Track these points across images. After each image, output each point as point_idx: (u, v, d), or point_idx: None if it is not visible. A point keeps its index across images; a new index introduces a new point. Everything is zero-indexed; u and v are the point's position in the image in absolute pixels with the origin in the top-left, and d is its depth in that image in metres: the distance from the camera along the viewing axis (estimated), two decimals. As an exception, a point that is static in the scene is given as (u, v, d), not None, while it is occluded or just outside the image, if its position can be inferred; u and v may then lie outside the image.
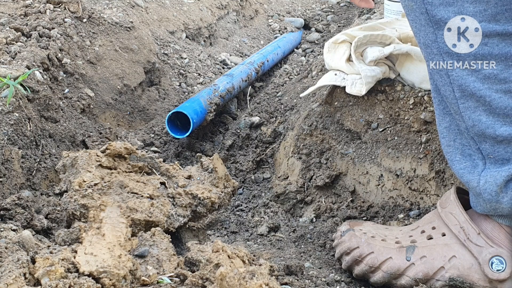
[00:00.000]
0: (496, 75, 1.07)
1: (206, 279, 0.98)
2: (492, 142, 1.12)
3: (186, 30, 2.64)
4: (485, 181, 1.14)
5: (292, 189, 1.64)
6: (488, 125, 1.11)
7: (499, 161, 1.13)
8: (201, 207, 1.28)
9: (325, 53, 1.62)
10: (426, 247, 1.22)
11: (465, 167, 1.17)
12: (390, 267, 1.22)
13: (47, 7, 1.94)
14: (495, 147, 1.12)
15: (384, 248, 1.24)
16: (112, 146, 1.28)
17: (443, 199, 1.26)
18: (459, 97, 1.12)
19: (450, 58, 1.09)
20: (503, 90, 1.08)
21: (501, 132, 1.10)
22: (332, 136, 1.64)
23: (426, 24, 1.09)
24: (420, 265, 1.21)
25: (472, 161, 1.16)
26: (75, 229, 1.10)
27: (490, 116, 1.10)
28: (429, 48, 1.11)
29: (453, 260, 1.19)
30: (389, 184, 1.53)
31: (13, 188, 1.37)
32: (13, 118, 1.44)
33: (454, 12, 1.05)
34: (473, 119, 1.12)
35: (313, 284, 1.24)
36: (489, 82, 1.08)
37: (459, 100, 1.12)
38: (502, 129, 1.10)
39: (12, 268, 0.92)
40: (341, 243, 1.29)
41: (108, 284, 0.93)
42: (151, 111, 2.09)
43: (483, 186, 1.14)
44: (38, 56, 1.66)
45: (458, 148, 1.18)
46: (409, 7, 1.11)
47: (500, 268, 1.16)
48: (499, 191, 1.13)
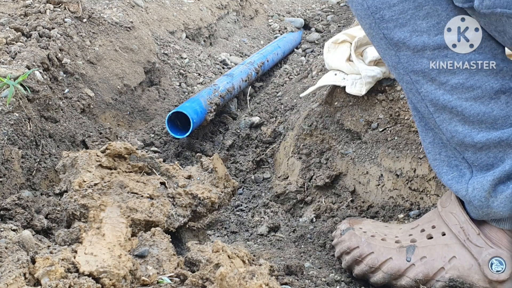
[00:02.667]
0: (463, 84, 1.09)
1: (206, 279, 0.98)
2: (473, 150, 1.13)
3: (186, 30, 2.64)
4: (473, 188, 1.15)
5: (292, 189, 1.64)
6: (465, 134, 1.12)
7: (484, 167, 1.14)
8: (201, 207, 1.28)
9: (325, 53, 1.62)
10: (426, 247, 1.22)
11: (453, 177, 1.18)
12: (391, 268, 1.22)
13: (47, 7, 1.94)
14: (477, 154, 1.13)
15: (384, 248, 1.23)
16: (112, 146, 1.27)
17: (444, 198, 1.26)
18: (433, 112, 1.14)
19: (416, 75, 1.11)
20: (472, 98, 1.09)
21: (479, 139, 1.11)
22: (332, 136, 1.64)
23: (387, 48, 1.11)
24: (420, 266, 1.20)
25: (459, 171, 1.18)
26: (75, 229, 1.10)
27: (466, 125, 1.12)
28: (396, 69, 1.14)
29: (453, 261, 1.19)
30: (389, 184, 1.53)
31: (13, 188, 1.37)
32: (13, 118, 1.44)
33: (409, 31, 1.07)
34: (450, 130, 1.13)
35: (313, 284, 1.24)
36: (458, 92, 1.09)
37: (434, 114, 1.14)
38: (479, 136, 1.11)
39: (12, 268, 0.92)
40: (341, 242, 1.29)
41: (108, 284, 0.93)
42: (151, 111, 2.09)
43: (472, 193, 1.15)
44: (38, 56, 1.66)
45: (444, 160, 1.19)
46: (370, 35, 1.14)
47: (499, 269, 1.16)
48: (488, 196, 1.13)
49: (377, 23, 1.09)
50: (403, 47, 1.09)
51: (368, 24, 1.11)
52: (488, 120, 1.10)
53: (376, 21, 1.09)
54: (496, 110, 1.09)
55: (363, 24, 1.13)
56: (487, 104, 1.09)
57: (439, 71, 1.09)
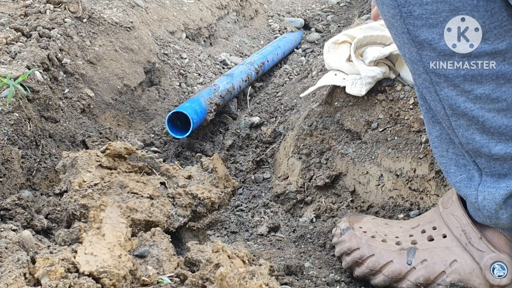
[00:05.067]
0: (488, 95, 1.03)
1: (206, 279, 0.98)
2: (487, 158, 1.09)
3: (186, 30, 2.64)
4: (483, 197, 1.11)
5: (292, 189, 1.64)
6: (482, 144, 1.07)
7: (496, 175, 1.10)
8: (201, 207, 1.28)
9: (325, 53, 1.62)
10: (427, 250, 1.21)
11: (461, 180, 1.14)
12: (391, 271, 1.20)
13: (47, 7, 1.94)
14: (491, 163, 1.09)
15: (385, 250, 1.22)
16: (112, 146, 1.27)
17: (445, 198, 1.25)
18: (450, 115, 1.08)
19: (438, 78, 1.05)
20: (496, 109, 1.04)
21: (497, 151, 1.07)
22: (332, 136, 1.64)
23: (409, 43, 1.05)
24: (421, 269, 1.19)
25: (467, 172, 1.14)
26: (75, 229, 1.10)
27: (484, 134, 1.07)
28: (415, 64, 1.07)
29: (454, 265, 1.18)
30: (389, 184, 1.53)
31: (13, 188, 1.37)
32: (13, 118, 1.43)
33: (439, 33, 1.01)
34: (466, 137, 1.08)
35: (313, 284, 1.24)
36: (481, 102, 1.04)
37: (451, 118, 1.08)
38: (497, 148, 1.07)
39: (12, 268, 0.92)
40: (341, 242, 1.28)
41: (108, 284, 0.93)
42: (151, 111, 2.09)
43: (482, 203, 1.12)
44: (38, 56, 1.66)
45: (452, 158, 1.15)
46: (391, 24, 1.06)
47: (501, 273, 1.15)
48: (498, 208, 1.11)
49: (403, 16, 1.01)
50: (428, 48, 1.03)
51: (391, 14, 1.03)
52: (509, 133, 1.05)
53: (403, 15, 1.01)
54: None
55: (385, 12, 1.05)
56: (510, 117, 1.04)
57: (465, 79, 1.03)
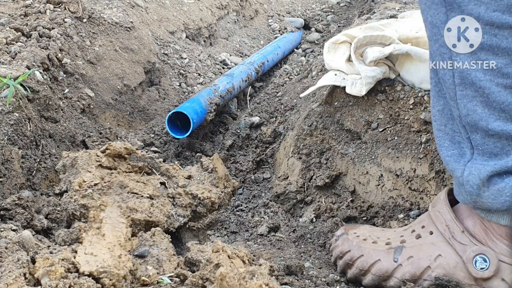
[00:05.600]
0: (500, 69, 1.05)
1: (206, 279, 0.98)
2: (483, 134, 1.10)
3: (186, 30, 2.64)
4: (469, 172, 1.13)
5: (292, 189, 1.64)
6: (482, 117, 1.09)
7: (487, 154, 1.11)
8: (201, 207, 1.28)
9: (325, 53, 1.62)
10: (414, 247, 1.22)
11: (452, 154, 1.15)
12: (379, 269, 1.22)
13: (47, 7, 1.94)
14: (485, 139, 1.10)
15: (374, 250, 1.24)
16: (112, 146, 1.27)
17: (435, 199, 1.27)
18: (458, 84, 1.09)
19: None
20: (504, 85, 1.06)
21: (494, 127, 1.08)
22: (332, 136, 1.64)
23: (439, 2, 1.06)
24: (407, 266, 1.20)
25: (460, 149, 1.15)
26: (75, 229, 1.10)
27: (486, 108, 1.08)
28: (436, 28, 1.08)
29: (439, 259, 1.19)
30: (389, 184, 1.53)
31: (13, 188, 1.37)
32: (13, 118, 1.43)
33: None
34: (468, 108, 1.10)
35: (313, 284, 1.24)
36: (491, 75, 1.06)
37: (457, 87, 1.10)
38: (495, 123, 1.08)
39: (12, 268, 0.92)
40: (335, 248, 1.31)
41: (108, 284, 0.93)
42: (151, 111, 2.09)
43: (467, 177, 1.13)
44: (38, 56, 1.66)
45: (448, 133, 1.16)
46: None
47: (483, 266, 1.15)
48: (481, 185, 1.11)
49: None
50: (457, 10, 1.04)
51: None
52: (510, 111, 1.07)
53: None
54: None
55: None
56: None
57: (482, 47, 1.04)
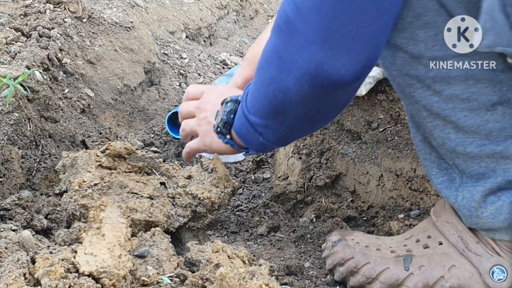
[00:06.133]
0: (458, 96, 1.05)
1: (206, 279, 0.98)
2: (464, 158, 1.10)
3: (186, 30, 2.64)
4: (462, 196, 1.12)
5: (292, 189, 1.64)
6: (457, 142, 1.09)
7: (475, 175, 1.11)
8: (201, 207, 1.28)
9: (325, 53, 1.61)
10: (424, 256, 1.19)
11: (442, 181, 1.15)
12: (388, 278, 1.18)
13: (47, 7, 1.93)
14: (468, 162, 1.10)
15: (381, 258, 1.20)
16: (112, 146, 1.27)
17: (437, 208, 1.23)
18: (425, 116, 1.10)
19: (411, 79, 1.07)
20: (468, 109, 1.05)
21: (472, 149, 1.08)
22: (332, 136, 1.64)
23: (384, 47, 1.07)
24: (419, 275, 1.17)
25: (449, 175, 1.15)
26: (75, 229, 1.10)
27: (459, 133, 1.08)
28: (389, 70, 1.10)
29: (453, 270, 1.16)
30: (389, 184, 1.53)
31: (13, 188, 1.37)
32: (13, 118, 1.43)
33: (406, 38, 1.03)
34: (442, 137, 1.10)
35: (313, 284, 1.24)
36: (453, 102, 1.06)
37: (426, 119, 1.10)
38: (472, 146, 1.08)
39: (12, 268, 0.92)
40: (333, 254, 1.25)
41: (108, 284, 0.93)
42: (151, 111, 2.09)
43: (461, 202, 1.12)
44: (38, 56, 1.66)
45: (434, 161, 1.16)
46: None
47: (501, 277, 1.13)
48: (477, 206, 1.11)
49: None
50: (400, 51, 1.06)
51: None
52: (482, 132, 1.07)
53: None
54: (492, 122, 1.06)
55: None
56: (482, 116, 1.06)
57: (434, 80, 1.05)
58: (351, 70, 1.01)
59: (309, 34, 1.00)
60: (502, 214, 1.10)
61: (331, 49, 0.99)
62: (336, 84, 1.02)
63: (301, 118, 1.12)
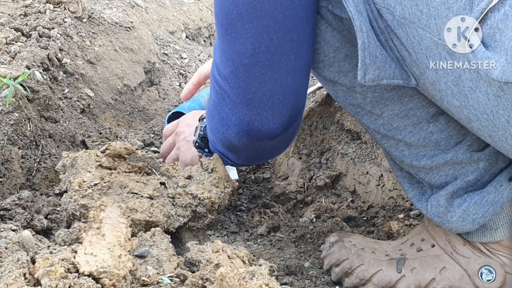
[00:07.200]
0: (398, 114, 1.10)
1: (206, 280, 0.98)
2: (424, 170, 1.13)
3: (186, 30, 2.64)
4: (430, 205, 1.15)
5: (292, 189, 1.64)
6: (412, 158, 1.12)
7: (441, 185, 1.14)
8: (201, 207, 1.28)
9: (325, 53, 1.62)
10: (417, 259, 1.21)
11: (414, 195, 1.19)
12: (381, 280, 1.20)
13: (47, 7, 1.93)
14: (429, 174, 1.13)
15: (375, 260, 1.22)
16: (112, 146, 1.27)
17: None
18: (379, 139, 1.15)
19: (355, 108, 1.13)
20: (411, 125, 1.10)
21: (425, 162, 1.12)
22: (332, 136, 1.64)
23: (324, 83, 1.14)
24: (411, 277, 1.19)
25: (420, 188, 1.18)
26: (75, 229, 1.10)
27: (411, 149, 1.12)
28: (337, 100, 1.16)
29: (443, 272, 1.18)
30: (389, 184, 1.53)
31: (13, 188, 1.37)
32: (13, 118, 1.43)
33: (336, 71, 1.10)
34: (398, 155, 1.14)
35: (313, 284, 1.24)
36: (396, 121, 1.11)
37: (381, 141, 1.15)
38: (425, 159, 1.12)
39: (12, 268, 0.92)
40: (330, 254, 1.26)
41: (108, 284, 0.93)
42: (151, 111, 2.09)
43: (430, 211, 1.15)
44: (38, 56, 1.66)
45: (405, 177, 1.19)
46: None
47: (490, 278, 1.15)
48: (445, 211, 1.13)
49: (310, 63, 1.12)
50: (337, 84, 1.11)
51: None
52: (430, 144, 1.10)
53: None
54: (437, 133, 1.09)
55: None
56: (426, 129, 1.09)
57: (373, 105, 1.10)
58: (278, 123, 1.10)
59: (235, 96, 1.08)
60: (469, 216, 1.11)
61: (255, 109, 1.08)
62: (269, 137, 1.11)
63: (251, 157, 1.23)
